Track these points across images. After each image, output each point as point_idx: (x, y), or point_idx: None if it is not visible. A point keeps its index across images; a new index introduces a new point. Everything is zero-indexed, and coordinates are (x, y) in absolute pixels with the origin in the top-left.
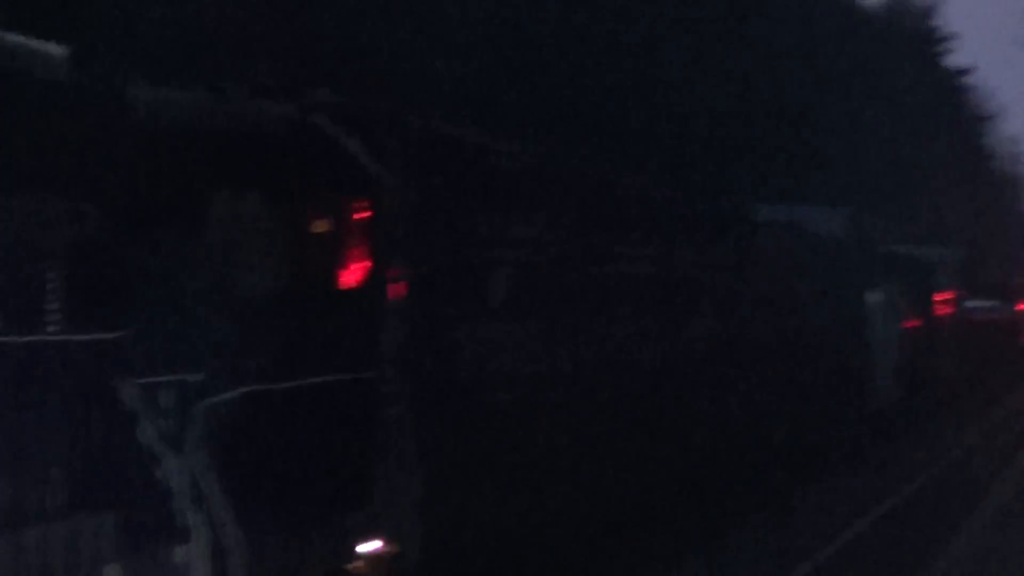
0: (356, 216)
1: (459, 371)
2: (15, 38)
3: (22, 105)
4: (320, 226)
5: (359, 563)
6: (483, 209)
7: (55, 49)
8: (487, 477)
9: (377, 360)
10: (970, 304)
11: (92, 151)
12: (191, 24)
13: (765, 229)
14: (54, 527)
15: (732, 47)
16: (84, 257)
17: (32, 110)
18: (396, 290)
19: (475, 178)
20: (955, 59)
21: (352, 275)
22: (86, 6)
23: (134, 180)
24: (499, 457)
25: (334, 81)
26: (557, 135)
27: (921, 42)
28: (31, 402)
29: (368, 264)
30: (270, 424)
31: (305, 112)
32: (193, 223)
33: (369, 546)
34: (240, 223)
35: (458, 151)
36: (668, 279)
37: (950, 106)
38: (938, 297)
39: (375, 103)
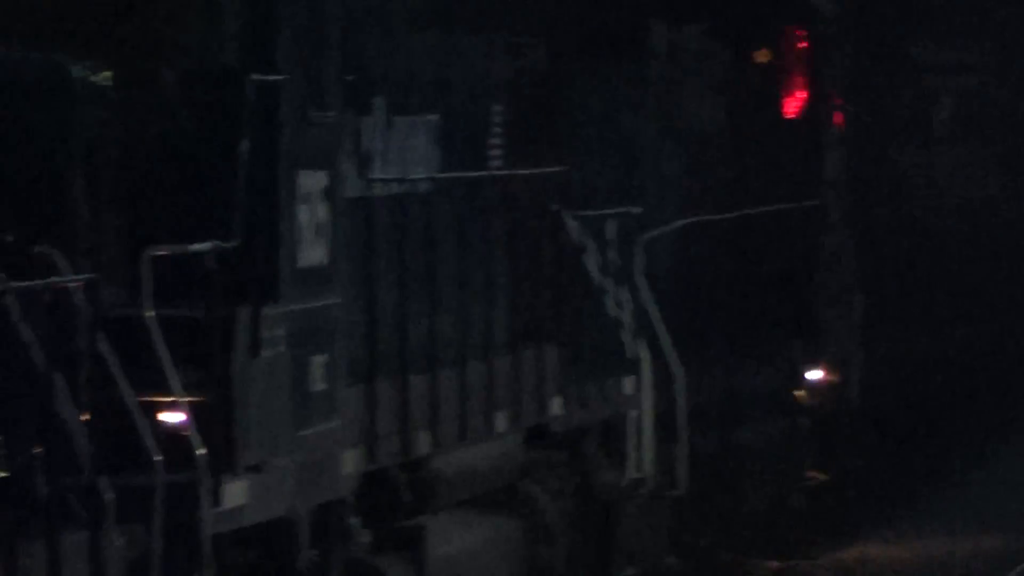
0: (797, 46)
1: (902, 198)
2: None
3: None
4: (762, 56)
5: (802, 391)
6: (919, 36)
7: None
8: (921, 306)
9: (819, 189)
10: None
11: None
12: None
13: None
14: (497, 361)
15: None
16: (526, 92)
17: None
18: (837, 118)
19: (910, 5)
20: None
21: (792, 106)
22: None
23: (575, 11)
24: (939, 286)
25: None
26: None
27: None
28: (474, 239)
29: (807, 94)
30: (711, 255)
31: None
32: (637, 58)
33: (814, 375)
34: (682, 55)
35: None
36: None
37: None
38: None
39: None
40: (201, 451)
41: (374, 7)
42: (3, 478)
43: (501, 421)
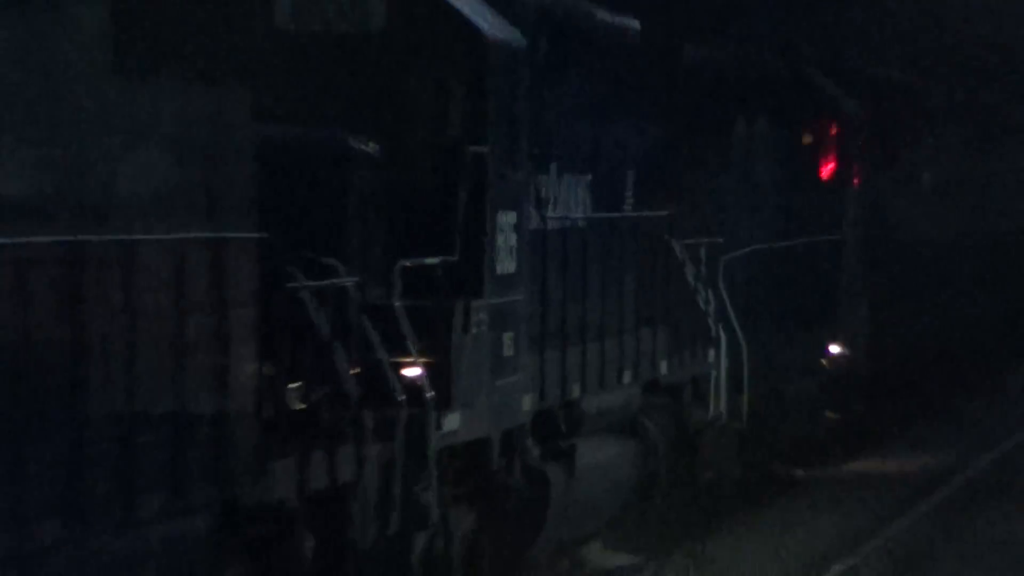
0: (831, 131)
1: (896, 233)
2: (602, 14)
3: (622, 65)
4: (810, 139)
5: (826, 360)
6: (910, 129)
7: (633, 23)
8: (908, 306)
9: (841, 227)
10: None
11: (658, 89)
12: None
13: None
14: (635, 336)
15: None
16: (650, 160)
17: (626, 67)
18: (854, 185)
19: (907, 109)
20: None
21: (827, 171)
22: None
23: (682, 108)
24: (915, 293)
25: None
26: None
27: None
28: (613, 258)
29: (836, 164)
30: (768, 270)
31: (797, 63)
32: (723, 137)
33: (834, 348)
34: (755, 137)
35: (898, 91)
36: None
37: None
38: None
39: (852, 62)
40: (430, 394)
41: (550, 104)
42: (302, 409)
43: (627, 376)
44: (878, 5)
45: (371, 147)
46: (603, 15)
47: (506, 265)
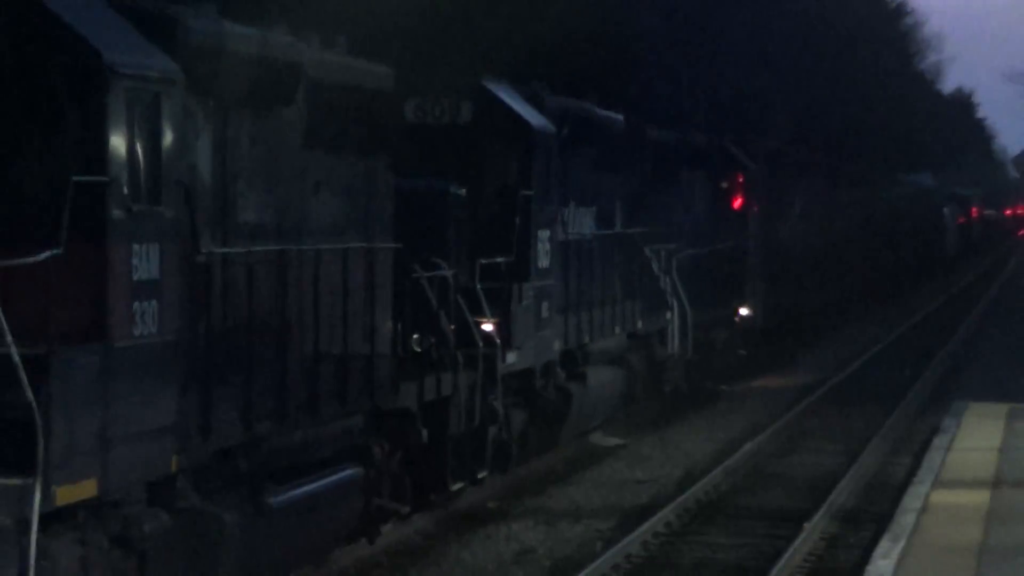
0: (738, 179)
1: (779, 241)
2: (599, 111)
3: (611, 141)
4: (726, 184)
5: (737, 319)
6: (787, 177)
7: (618, 117)
8: (788, 284)
9: (746, 238)
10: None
11: (633, 155)
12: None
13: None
14: (622, 305)
15: None
16: (631, 196)
17: (614, 142)
18: (754, 211)
19: (788, 167)
20: None
21: (736, 204)
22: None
23: (649, 166)
24: (792, 277)
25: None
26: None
27: None
28: (609, 258)
29: (742, 199)
30: (703, 264)
31: (718, 139)
32: (672, 184)
33: (742, 311)
34: (693, 184)
35: (780, 156)
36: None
37: None
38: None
39: (750, 137)
40: (498, 341)
41: (569, 165)
42: (419, 351)
43: (617, 329)
44: (771, 103)
45: (461, 191)
46: (600, 112)
47: (543, 262)
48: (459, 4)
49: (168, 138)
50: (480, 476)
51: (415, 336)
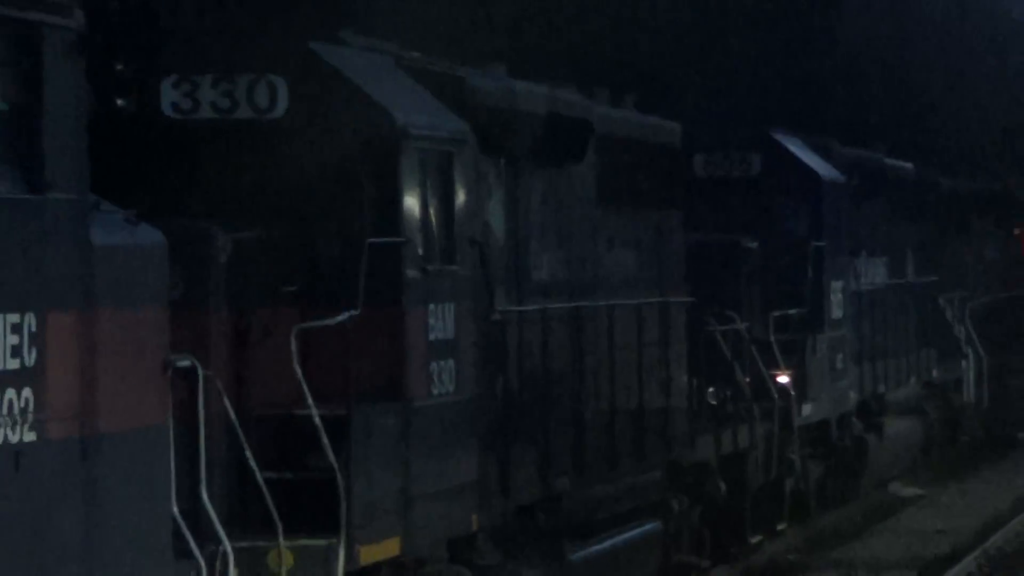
0: None
1: None
2: (887, 160)
3: (902, 191)
4: (1017, 231)
5: None
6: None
7: (908, 166)
8: None
9: None
10: None
11: (925, 205)
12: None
13: None
14: (917, 354)
15: None
16: (924, 247)
17: (904, 194)
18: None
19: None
20: None
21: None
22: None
23: (936, 216)
24: None
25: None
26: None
27: None
28: (914, 310)
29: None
30: (996, 312)
31: (1005, 185)
32: (962, 233)
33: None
34: (984, 230)
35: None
36: None
37: None
38: None
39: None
40: (793, 393)
41: (860, 216)
42: (715, 404)
43: (913, 379)
44: None
45: (752, 244)
46: (889, 161)
47: (837, 313)
48: (746, 56)
49: (460, 197)
50: (779, 528)
51: (711, 389)
